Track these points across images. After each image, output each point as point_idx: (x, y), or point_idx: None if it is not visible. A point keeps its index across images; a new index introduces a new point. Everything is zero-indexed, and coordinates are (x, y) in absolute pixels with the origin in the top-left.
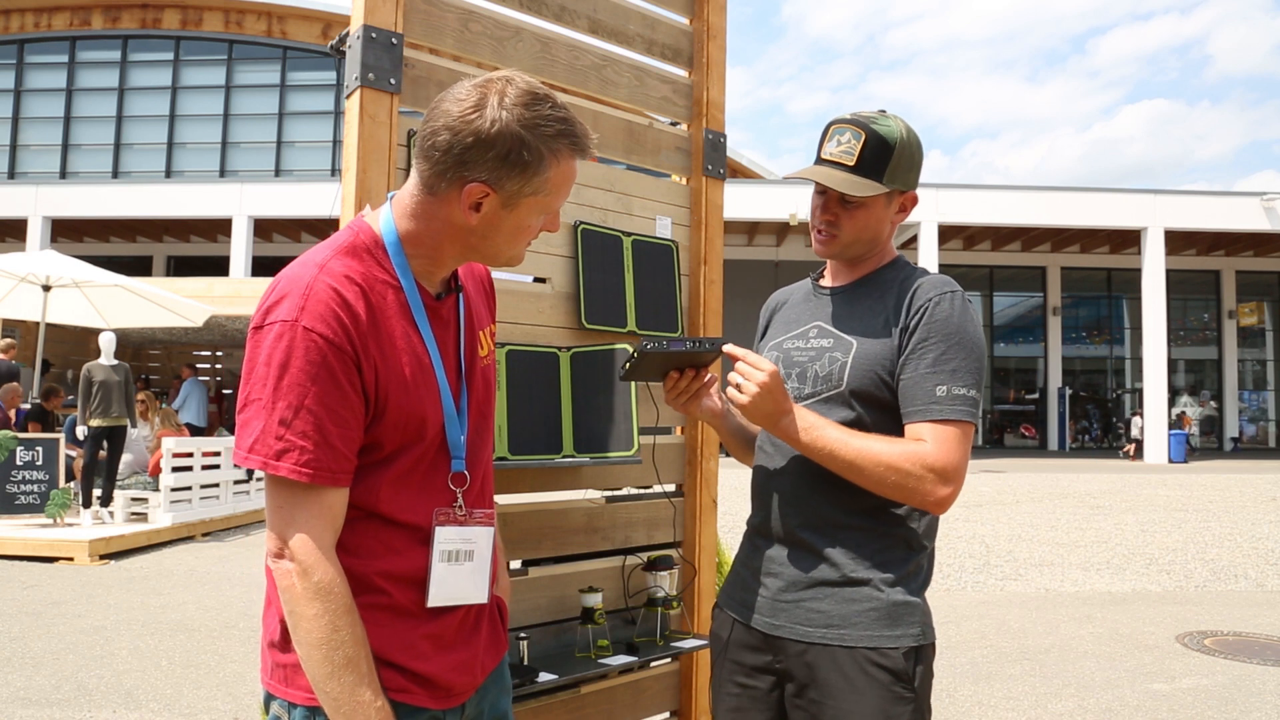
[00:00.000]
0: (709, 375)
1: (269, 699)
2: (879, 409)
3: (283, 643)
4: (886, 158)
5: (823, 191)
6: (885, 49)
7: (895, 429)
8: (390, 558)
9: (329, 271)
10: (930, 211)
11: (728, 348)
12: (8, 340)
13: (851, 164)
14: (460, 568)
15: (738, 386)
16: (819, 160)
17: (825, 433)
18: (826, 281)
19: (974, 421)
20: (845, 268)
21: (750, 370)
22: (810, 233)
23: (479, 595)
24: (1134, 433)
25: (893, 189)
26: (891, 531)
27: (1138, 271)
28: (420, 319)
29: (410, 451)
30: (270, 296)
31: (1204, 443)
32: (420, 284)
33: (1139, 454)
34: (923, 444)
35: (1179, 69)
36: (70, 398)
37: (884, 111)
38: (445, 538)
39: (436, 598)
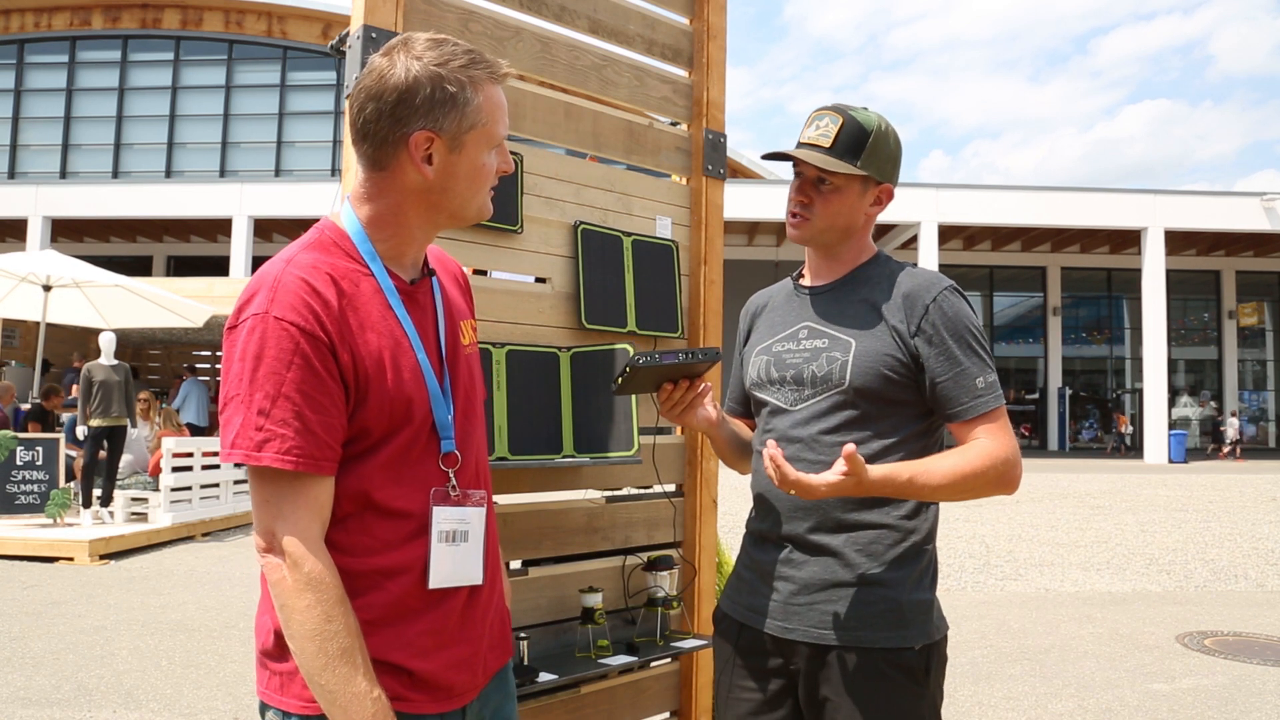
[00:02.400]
0: (703, 385)
1: (264, 708)
2: (882, 403)
3: (276, 650)
4: (862, 142)
5: (799, 174)
6: (887, 49)
7: (898, 421)
8: (386, 553)
9: (296, 264)
10: (930, 211)
11: (769, 454)
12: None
13: (827, 146)
14: (456, 549)
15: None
16: (797, 145)
17: (920, 481)
18: (807, 281)
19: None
20: (826, 266)
21: (808, 485)
22: (786, 218)
23: (475, 576)
24: (1231, 434)
25: (868, 175)
26: (900, 527)
27: (1138, 271)
28: (395, 303)
29: (399, 435)
30: (243, 296)
31: (1204, 443)
32: (391, 270)
33: (1234, 453)
34: (987, 441)
35: (1181, 69)
36: (70, 397)
37: (866, 108)
38: (442, 517)
39: (437, 579)
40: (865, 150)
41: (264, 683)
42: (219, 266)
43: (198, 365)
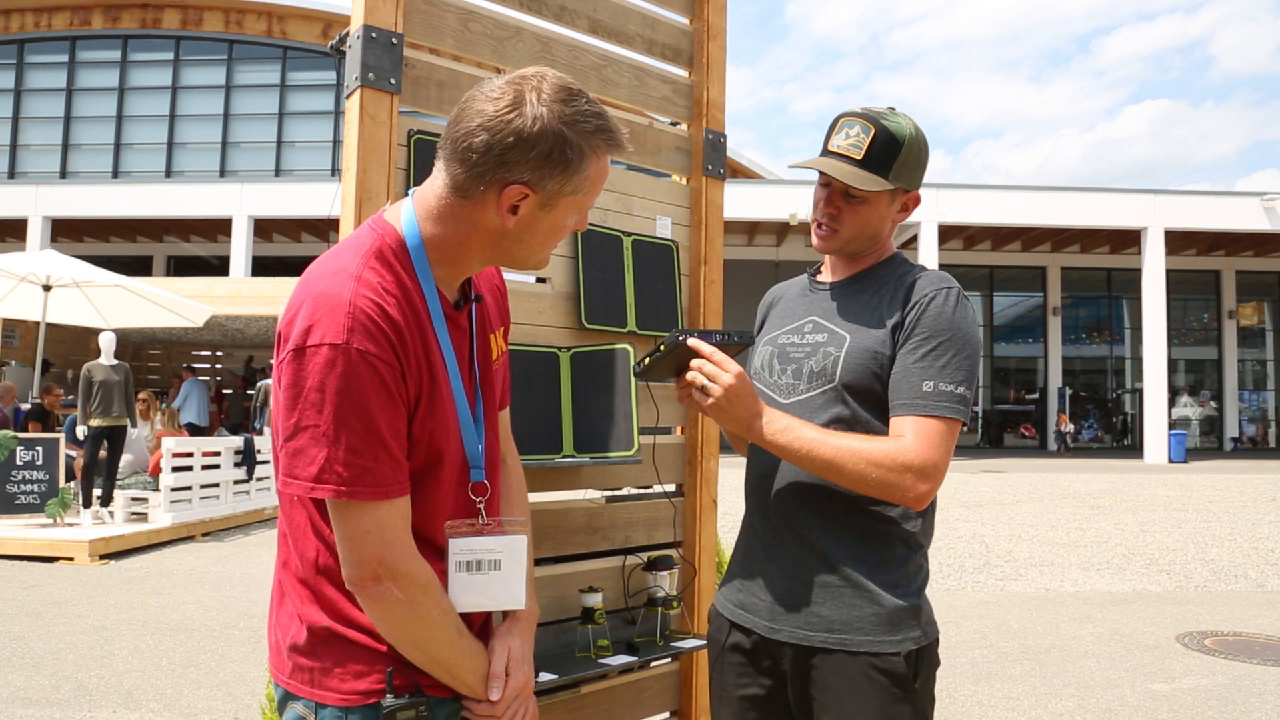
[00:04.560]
0: None
1: (288, 698)
2: (873, 404)
3: (308, 646)
4: (894, 154)
5: (827, 184)
6: (889, 49)
7: (886, 423)
8: None
9: (366, 284)
10: (930, 211)
11: (691, 341)
12: None
13: (859, 158)
14: (482, 576)
15: (703, 389)
16: (825, 152)
17: (801, 432)
18: (824, 277)
19: (960, 418)
20: (843, 263)
21: (716, 371)
22: (811, 226)
23: (513, 601)
24: None
25: (897, 186)
26: (889, 530)
27: (1138, 271)
28: (440, 328)
29: (432, 466)
30: (307, 314)
31: (1204, 443)
32: (440, 291)
33: None
34: (902, 440)
35: (1183, 69)
36: (70, 397)
37: (894, 109)
38: (461, 549)
39: (460, 606)
40: (897, 162)
41: (287, 673)
42: (219, 266)
43: (197, 365)
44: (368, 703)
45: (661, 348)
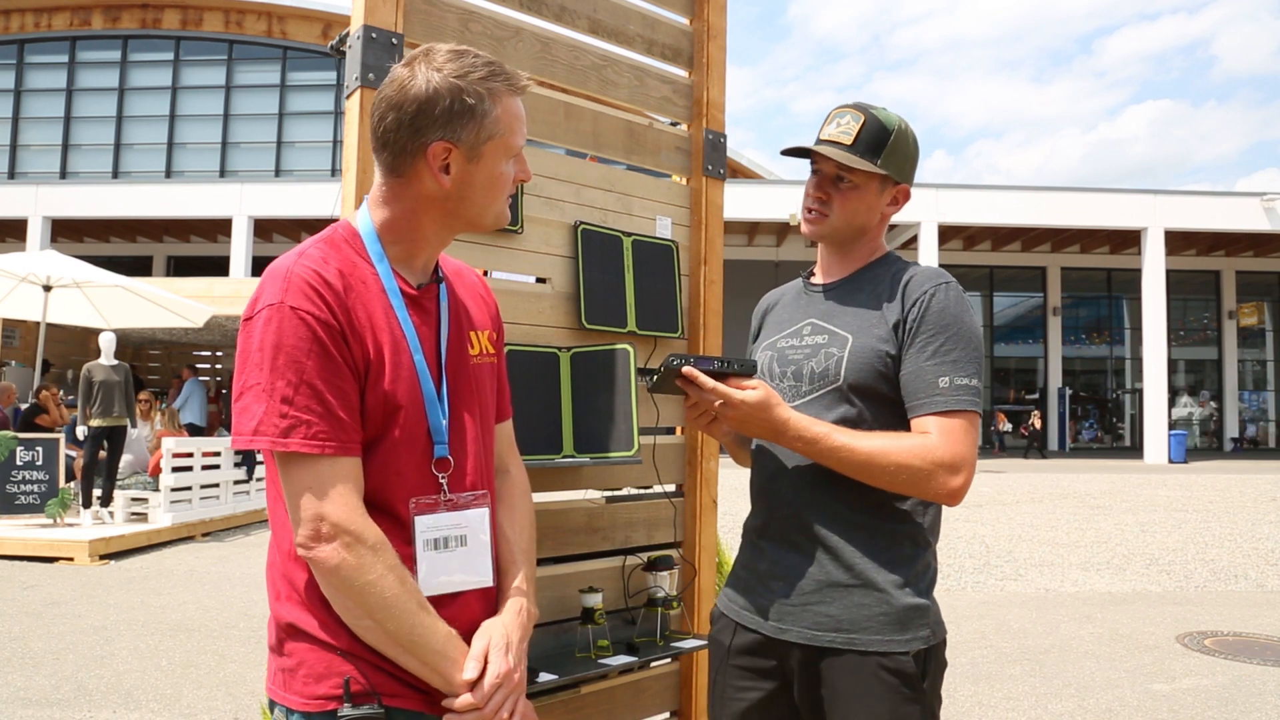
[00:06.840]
0: None
1: (271, 704)
2: (878, 402)
3: (278, 645)
4: (883, 141)
5: (818, 171)
6: (890, 49)
7: (894, 422)
8: None
9: (307, 257)
10: (930, 211)
11: (686, 370)
12: None
13: (848, 143)
14: (451, 554)
15: (715, 418)
16: (817, 141)
17: (833, 439)
18: (818, 280)
19: (978, 410)
20: (836, 264)
21: (723, 409)
22: (801, 214)
23: (480, 579)
24: None
25: (886, 174)
26: (898, 529)
27: (1138, 271)
28: (397, 304)
29: (389, 436)
30: (257, 292)
31: (1204, 443)
32: (398, 272)
33: None
34: (929, 437)
35: (1184, 69)
36: (70, 397)
37: (885, 109)
38: (427, 525)
39: (428, 587)
40: (886, 149)
41: (270, 678)
42: (219, 266)
43: (198, 365)
44: (326, 709)
45: (661, 369)
